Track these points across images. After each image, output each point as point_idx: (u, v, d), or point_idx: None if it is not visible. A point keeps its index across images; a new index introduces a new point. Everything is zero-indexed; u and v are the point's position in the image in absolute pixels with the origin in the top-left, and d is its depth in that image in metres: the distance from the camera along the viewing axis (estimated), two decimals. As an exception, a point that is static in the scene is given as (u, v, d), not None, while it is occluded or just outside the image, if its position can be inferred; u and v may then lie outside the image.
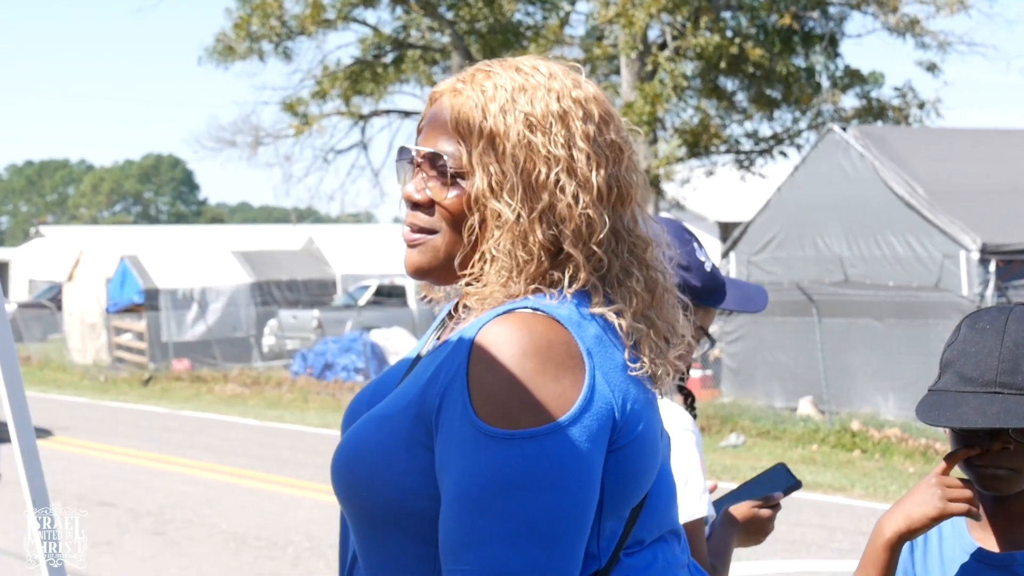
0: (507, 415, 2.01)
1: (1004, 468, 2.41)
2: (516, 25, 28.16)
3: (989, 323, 2.45)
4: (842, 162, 18.07)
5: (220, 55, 28.91)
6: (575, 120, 2.16)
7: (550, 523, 1.99)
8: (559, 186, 2.14)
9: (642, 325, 2.16)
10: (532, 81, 2.18)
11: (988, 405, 2.37)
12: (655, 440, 2.14)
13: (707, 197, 33.70)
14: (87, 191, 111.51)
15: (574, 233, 2.14)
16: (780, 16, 25.81)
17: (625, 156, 2.21)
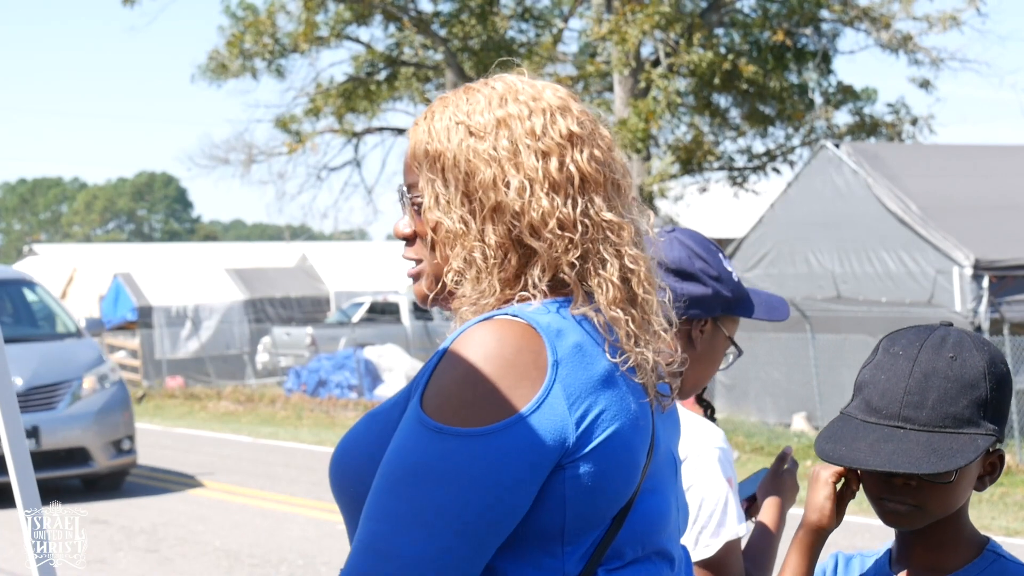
0: (446, 410, 2.06)
1: (907, 504, 2.30)
2: (509, 42, 28.19)
3: (903, 348, 2.34)
4: (835, 178, 18.10)
5: (213, 73, 28.93)
6: (518, 120, 2.22)
7: (444, 517, 2.03)
8: (504, 182, 2.18)
9: (619, 314, 2.17)
10: (476, 96, 2.26)
11: (884, 442, 2.26)
12: (630, 453, 2.13)
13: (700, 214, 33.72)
14: (80, 209, 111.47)
15: (529, 225, 2.17)
16: (773, 33, 25.86)
17: (587, 145, 2.23)
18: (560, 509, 2.09)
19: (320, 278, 39.53)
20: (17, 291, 15.81)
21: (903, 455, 2.23)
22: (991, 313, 15.96)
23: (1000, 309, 16.08)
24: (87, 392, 14.25)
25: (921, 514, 2.30)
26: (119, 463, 14.45)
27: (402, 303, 32.96)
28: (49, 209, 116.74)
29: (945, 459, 2.22)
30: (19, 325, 15.46)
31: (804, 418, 17.98)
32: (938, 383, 2.28)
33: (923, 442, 2.25)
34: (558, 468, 2.08)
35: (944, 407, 2.26)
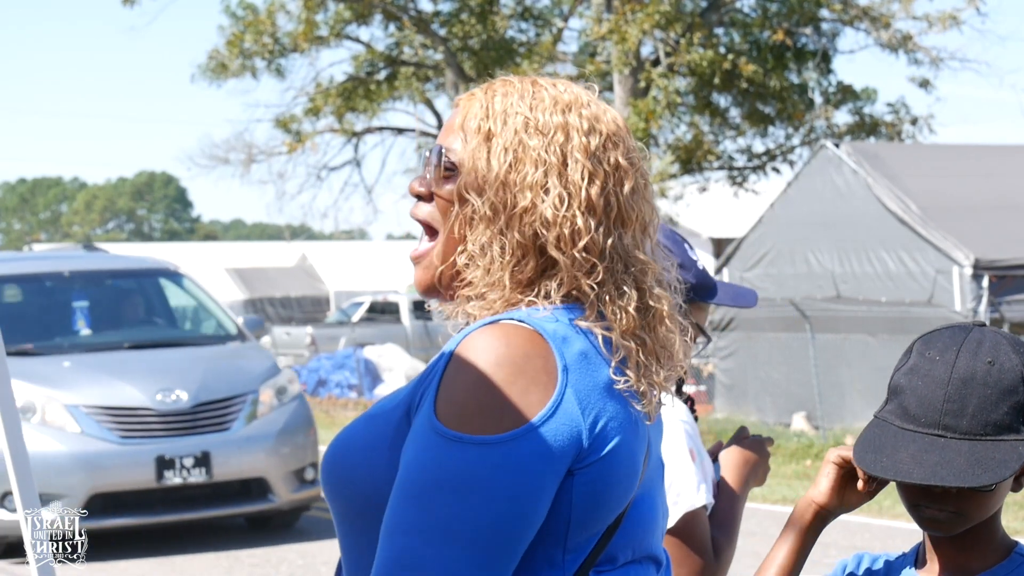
0: (462, 418, 2.05)
1: (947, 511, 2.27)
2: (509, 42, 28.18)
3: (939, 352, 2.28)
4: (835, 178, 18.09)
5: (213, 72, 28.91)
6: (577, 131, 2.21)
7: (473, 528, 2.02)
8: (544, 188, 2.17)
9: (631, 343, 2.17)
10: (543, 93, 2.25)
11: (926, 453, 2.22)
12: (632, 461, 2.14)
13: (700, 213, 33.74)
14: (80, 209, 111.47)
15: (558, 238, 2.16)
16: (773, 32, 25.86)
17: (630, 180, 2.23)
18: (566, 512, 2.10)
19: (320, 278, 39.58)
20: (155, 284, 13.23)
21: (947, 467, 2.20)
22: (991, 313, 15.95)
23: (1000, 309, 16.07)
24: (264, 409, 11.53)
25: (961, 520, 2.28)
26: (302, 497, 11.68)
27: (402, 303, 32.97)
28: (49, 209, 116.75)
29: (989, 471, 2.19)
30: (164, 326, 13.26)
31: (804, 418, 17.98)
32: (977, 390, 2.23)
33: (965, 452, 2.21)
34: (568, 474, 2.08)
35: (984, 414, 2.23)
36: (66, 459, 10.74)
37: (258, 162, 31.16)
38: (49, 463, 10.65)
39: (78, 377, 11.38)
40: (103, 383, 11.28)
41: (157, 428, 11.03)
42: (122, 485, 10.82)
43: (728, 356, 19.40)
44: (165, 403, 11.08)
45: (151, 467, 10.87)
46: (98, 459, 10.78)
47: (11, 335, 10.99)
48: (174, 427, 11.05)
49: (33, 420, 10.88)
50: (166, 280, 13.27)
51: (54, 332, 12.32)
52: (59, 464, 10.70)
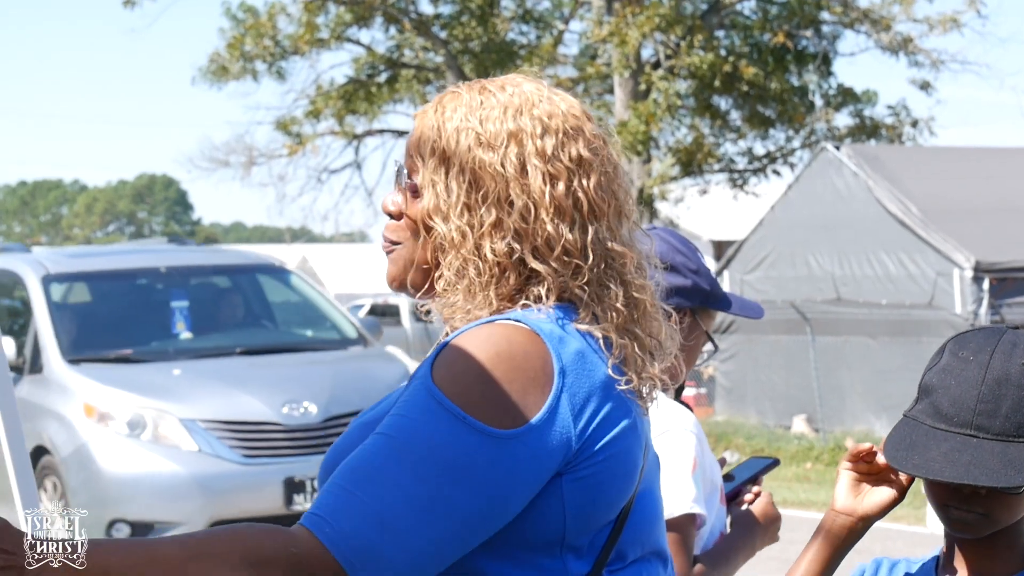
0: (466, 399, 2.05)
1: (975, 512, 2.25)
2: (510, 44, 28.19)
3: (973, 353, 2.26)
4: (835, 181, 18.09)
5: (214, 75, 28.91)
6: (530, 137, 2.18)
7: (457, 513, 2.02)
8: (508, 201, 2.16)
9: (625, 340, 2.17)
10: (492, 100, 2.22)
11: (959, 452, 2.20)
12: (629, 458, 2.15)
13: (701, 216, 33.73)
14: (81, 211, 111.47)
15: (533, 249, 2.16)
16: (773, 35, 25.86)
17: (595, 171, 2.21)
18: (559, 515, 2.10)
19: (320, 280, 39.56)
20: (252, 280, 11.89)
21: (980, 467, 2.18)
22: (991, 315, 15.95)
23: (1001, 311, 16.08)
24: None
25: (988, 522, 2.26)
26: None
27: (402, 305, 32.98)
28: (49, 211, 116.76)
29: (1022, 472, 2.18)
30: (274, 328, 11.92)
31: (804, 420, 17.98)
32: (1011, 391, 2.22)
33: (998, 453, 2.19)
34: (556, 475, 2.09)
35: (1018, 416, 2.21)
36: (183, 482, 9.46)
37: (259, 165, 31.15)
38: (163, 486, 9.50)
39: (192, 387, 9.98)
40: (221, 394, 9.88)
41: (285, 446, 9.68)
42: (247, 512, 9.31)
43: (728, 359, 19.40)
44: (293, 417, 9.70)
45: (279, 490, 9.55)
46: (220, 482, 9.47)
47: (105, 338, 10.64)
48: (303, 444, 9.69)
49: (143, 437, 9.62)
50: (267, 276, 12.03)
51: (151, 335, 10.91)
52: (175, 488, 9.45)
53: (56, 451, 9.88)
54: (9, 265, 11.43)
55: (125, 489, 9.59)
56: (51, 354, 10.31)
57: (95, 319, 10.99)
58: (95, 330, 10.83)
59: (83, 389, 10.04)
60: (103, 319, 11.00)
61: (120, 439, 9.73)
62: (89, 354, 10.41)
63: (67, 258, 11.86)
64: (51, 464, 9.96)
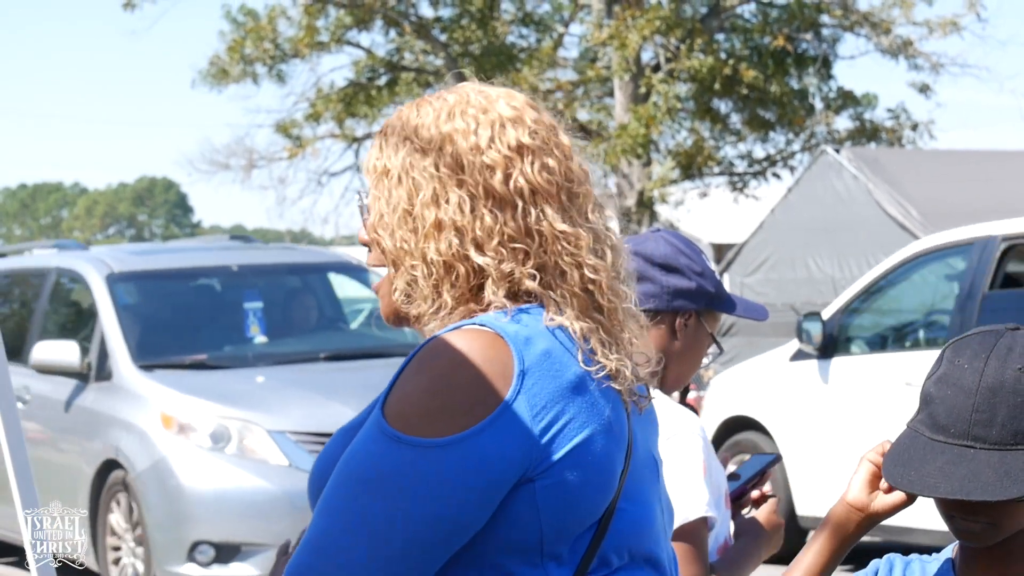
0: (404, 418, 2.06)
1: (981, 523, 2.22)
2: (510, 48, 28.19)
3: (969, 359, 2.22)
4: (835, 184, 18.09)
5: (214, 78, 28.90)
6: (462, 134, 2.20)
7: (390, 526, 2.03)
8: (445, 199, 2.17)
9: (588, 323, 2.16)
10: (426, 109, 2.26)
11: (955, 465, 2.16)
12: (604, 460, 2.12)
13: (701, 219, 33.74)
14: (81, 214, 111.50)
15: (474, 241, 2.16)
16: (773, 38, 25.86)
17: (538, 156, 2.21)
18: (535, 521, 2.08)
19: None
20: (323, 279, 11.36)
21: (975, 480, 2.14)
22: (991, 318, 15.94)
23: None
24: None
25: (995, 531, 2.23)
26: None
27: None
28: (50, 214, 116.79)
29: (1019, 482, 2.14)
30: (353, 331, 11.76)
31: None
32: (1007, 398, 2.18)
33: (995, 463, 2.16)
34: (527, 481, 2.07)
35: (1015, 424, 2.17)
36: (272, 499, 8.69)
37: (259, 167, 31.15)
38: (251, 504, 8.72)
39: (278, 396, 9.26)
40: (311, 404, 9.14)
41: None
42: None
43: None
44: None
45: None
46: None
47: (178, 343, 10.01)
48: None
49: (227, 450, 8.84)
50: (339, 275, 11.57)
51: (224, 339, 10.30)
52: (263, 506, 8.70)
53: (130, 466, 9.00)
54: (68, 263, 10.70)
55: (209, 507, 8.69)
56: (121, 360, 9.51)
57: (165, 322, 10.26)
58: (166, 333, 10.12)
59: (159, 398, 9.17)
60: (173, 322, 10.33)
61: (202, 453, 8.85)
62: (162, 360, 9.65)
63: (130, 256, 10.83)
64: (123, 480, 9.13)
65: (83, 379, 9.69)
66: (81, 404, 9.71)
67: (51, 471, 9.61)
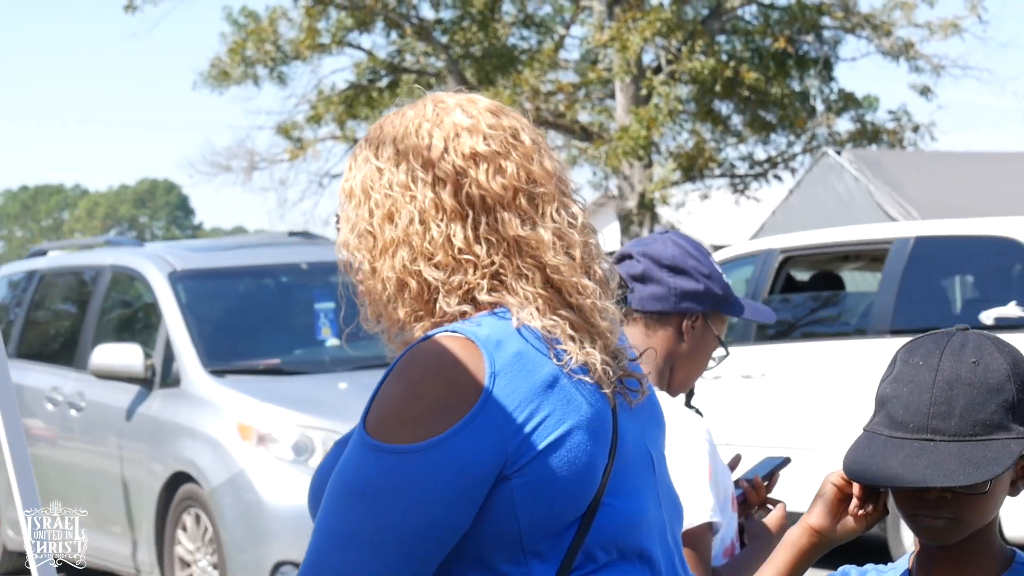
0: (384, 428, 2.09)
1: (943, 518, 2.21)
2: (511, 49, 28.19)
3: (923, 357, 2.24)
4: (836, 185, 18.12)
5: (215, 80, 28.91)
6: (414, 152, 2.22)
7: (379, 534, 2.06)
8: (400, 215, 2.20)
9: (555, 320, 2.17)
10: (387, 128, 2.29)
11: (916, 457, 2.17)
12: (582, 456, 2.13)
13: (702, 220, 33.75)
14: (82, 216, 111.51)
15: (424, 255, 2.19)
16: (775, 40, 25.86)
17: (492, 162, 2.22)
18: (512, 518, 2.10)
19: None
20: None
21: (936, 468, 2.16)
22: (993, 320, 15.93)
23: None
24: None
25: (959, 527, 2.23)
26: None
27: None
28: (51, 216, 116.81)
29: (980, 469, 2.16)
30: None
31: (806, 425, 17.97)
32: (963, 390, 2.20)
33: (955, 453, 2.17)
34: (503, 479, 2.09)
35: (972, 414, 2.19)
36: None
37: (260, 169, 31.16)
38: None
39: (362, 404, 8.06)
40: None
41: None
42: None
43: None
44: None
45: None
46: None
47: (248, 346, 9.29)
48: None
49: (311, 463, 8.19)
50: None
51: (295, 342, 9.64)
52: None
53: (204, 479, 8.27)
54: (125, 261, 9.92)
55: (291, 525, 7.87)
56: (190, 364, 8.74)
57: (233, 323, 9.56)
58: (236, 336, 9.41)
59: (235, 406, 8.42)
60: (242, 323, 9.65)
61: (284, 465, 8.12)
62: (234, 364, 8.90)
63: (191, 253, 10.06)
64: (196, 495, 8.37)
65: (146, 385, 8.93)
66: (145, 412, 8.92)
67: (110, 484, 9.13)
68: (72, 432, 9.78)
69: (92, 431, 9.46)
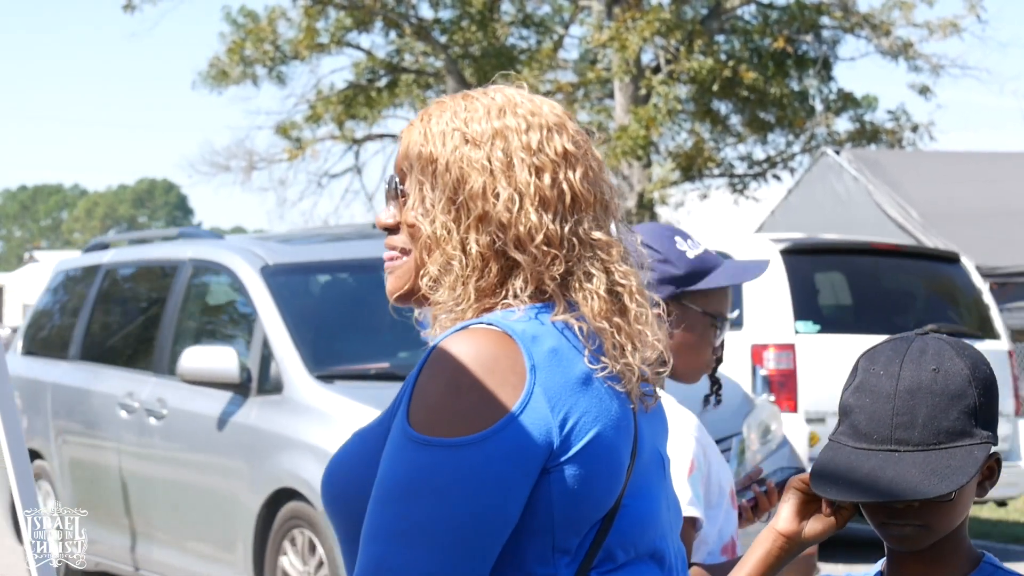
0: (432, 422, 2.08)
1: (911, 525, 2.20)
2: (510, 49, 28.20)
3: (884, 366, 2.22)
4: (835, 185, 18.12)
5: (214, 79, 28.92)
6: (514, 132, 2.23)
7: (442, 530, 2.05)
8: (494, 193, 2.19)
9: (604, 325, 2.18)
10: (475, 104, 2.27)
11: (881, 471, 2.16)
12: (613, 455, 2.15)
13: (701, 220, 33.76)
14: (81, 216, 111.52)
15: (515, 238, 2.19)
16: (774, 39, 25.88)
17: (581, 164, 2.24)
18: (548, 512, 2.11)
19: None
20: None
21: (902, 482, 2.15)
22: (992, 320, 15.93)
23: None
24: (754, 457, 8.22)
25: (928, 533, 2.22)
26: None
27: (402, 310, 32.90)
28: (50, 216, 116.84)
29: (946, 479, 2.15)
30: None
31: (805, 425, 17.97)
32: (925, 399, 2.18)
33: (920, 463, 2.16)
34: (544, 471, 2.10)
35: (935, 423, 2.18)
36: None
37: (259, 169, 31.17)
38: None
39: None
40: None
41: None
42: None
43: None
44: None
45: None
46: None
47: (353, 348, 8.28)
48: None
49: None
50: None
51: (399, 343, 8.33)
52: None
53: (315, 496, 7.12)
54: (208, 255, 8.95)
55: None
56: (293, 369, 7.77)
57: (336, 323, 8.58)
58: (340, 337, 8.43)
59: (349, 415, 7.26)
60: (343, 323, 8.63)
61: None
62: (342, 369, 7.91)
63: (282, 246, 9.05)
64: (304, 514, 7.47)
65: (240, 391, 7.97)
66: (241, 421, 7.93)
67: (198, 501, 8.26)
68: (151, 442, 8.71)
69: (176, 441, 8.50)
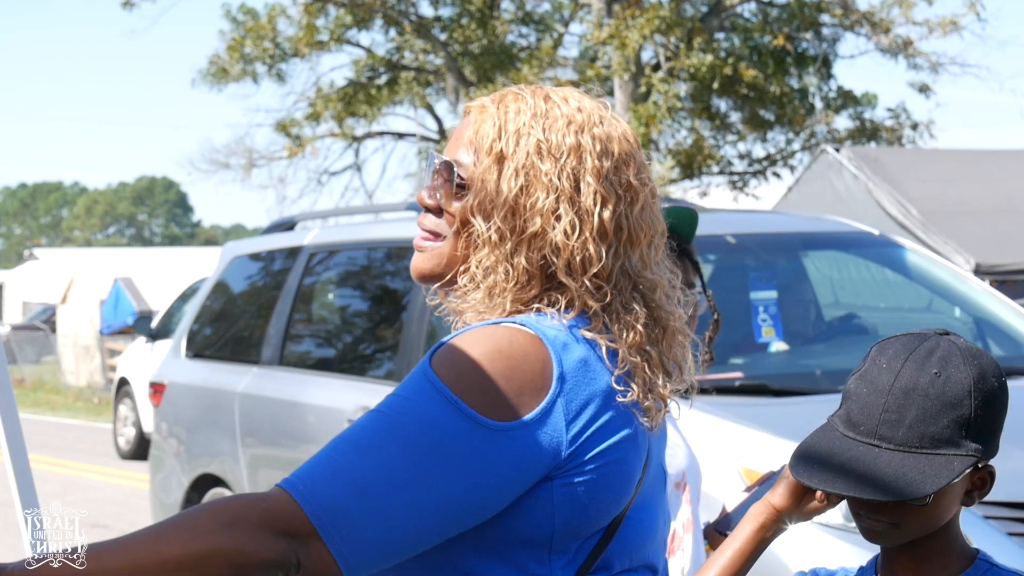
0: (461, 386, 2.06)
1: (882, 521, 2.20)
2: (510, 47, 28.19)
3: (888, 359, 2.22)
4: (835, 183, 18.11)
5: (214, 77, 28.91)
6: (589, 154, 2.17)
7: (438, 497, 2.03)
8: (555, 215, 2.15)
9: (637, 358, 2.16)
10: (556, 111, 2.20)
11: (856, 464, 2.17)
12: (625, 469, 2.15)
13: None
14: (81, 213, 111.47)
15: (567, 264, 2.15)
16: (773, 37, 25.86)
17: (641, 199, 2.20)
18: (549, 518, 2.11)
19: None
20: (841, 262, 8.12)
21: (871, 480, 2.15)
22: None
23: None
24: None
25: (898, 532, 2.22)
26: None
27: (402, 307, 32.86)
28: (50, 214, 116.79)
29: (914, 485, 2.14)
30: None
31: (804, 422, 17.99)
32: (918, 400, 2.17)
33: (896, 464, 2.15)
34: (547, 479, 2.09)
35: (922, 426, 2.17)
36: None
37: (258, 167, 31.15)
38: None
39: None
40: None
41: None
42: None
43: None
44: None
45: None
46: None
47: None
48: None
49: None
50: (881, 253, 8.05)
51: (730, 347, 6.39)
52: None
53: None
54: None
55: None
56: None
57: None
58: None
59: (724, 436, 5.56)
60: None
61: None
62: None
63: None
64: None
65: None
66: None
67: None
68: None
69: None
